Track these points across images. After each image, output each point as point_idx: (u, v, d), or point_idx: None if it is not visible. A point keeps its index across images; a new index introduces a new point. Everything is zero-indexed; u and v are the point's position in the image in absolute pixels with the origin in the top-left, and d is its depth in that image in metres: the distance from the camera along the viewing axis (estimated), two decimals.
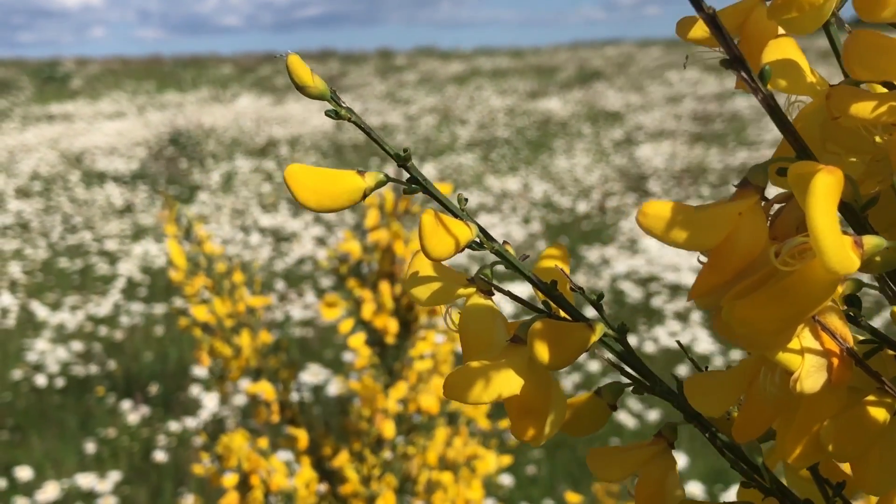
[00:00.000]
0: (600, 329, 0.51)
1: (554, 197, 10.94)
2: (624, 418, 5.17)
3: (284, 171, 0.53)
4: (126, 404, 5.34)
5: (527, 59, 34.26)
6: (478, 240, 0.52)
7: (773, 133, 14.70)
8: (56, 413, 5.52)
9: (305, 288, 7.49)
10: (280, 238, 9.50)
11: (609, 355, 0.55)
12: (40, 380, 5.71)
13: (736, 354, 5.89)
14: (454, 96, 22.73)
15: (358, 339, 1.50)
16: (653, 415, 5.19)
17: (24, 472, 4.47)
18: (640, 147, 14.56)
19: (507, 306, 6.95)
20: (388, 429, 1.46)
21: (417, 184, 0.52)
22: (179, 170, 13.86)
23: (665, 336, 6.16)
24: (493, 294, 0.53)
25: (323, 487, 1.56)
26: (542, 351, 0.50)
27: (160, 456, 4.75)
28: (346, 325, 1.49)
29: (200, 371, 5.62)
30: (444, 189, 1.58)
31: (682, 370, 5.74)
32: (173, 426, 5.07)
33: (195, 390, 5.44)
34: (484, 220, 9.82)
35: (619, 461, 0.56)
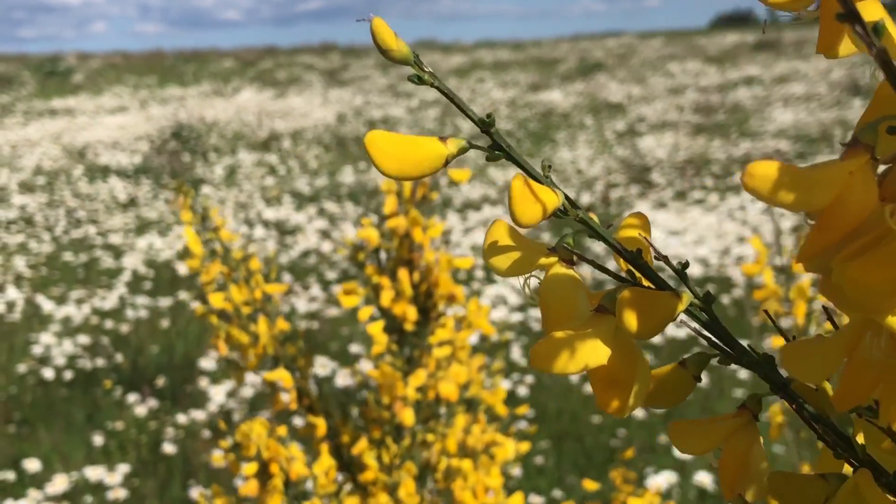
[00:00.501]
0: (687, 298, 0.50)
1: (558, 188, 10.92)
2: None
3: (365, 138, 0.52)
4: (133, 397, 5.34)
5: (528, 51, 34.25)
6: (562, 207, 0.51)
7: (774, 124, 14.72)
8: (63, 406, 5.52)
9: (310, 281, 7.49)
10: (284, 231, 9.50)
11: (694, 324, 0.54)
12: (47, 373, 5.71)
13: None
14: (456, 89, 22.68)
15: (377, 327, 1.50)
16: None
17: (32, 465, 4.47)
18: (643, 138, 14.56)
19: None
20: (408, 416, 1.45)
21: (500, 150, 0.52)
22: (182, 164, 13.85)
23: (671, 326, 6.16)
24: (575, 263, 0.52)
25: (341, 475, 1.56)
26: (631, 320, 0.49)
27: (168, 448, 4.75)
28: (365, 313, 1.49)
29: (207, 363, 5.63)
30: (462, 175, 1.57)
31: None
32: (181, 419, 5.06)
33: (202, 383, 5.44)
34: (488, 212, 9.82)
35: (702, 434, 0.55)
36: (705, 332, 0.55)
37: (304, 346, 1.61)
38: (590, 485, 1.64)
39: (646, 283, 0.53)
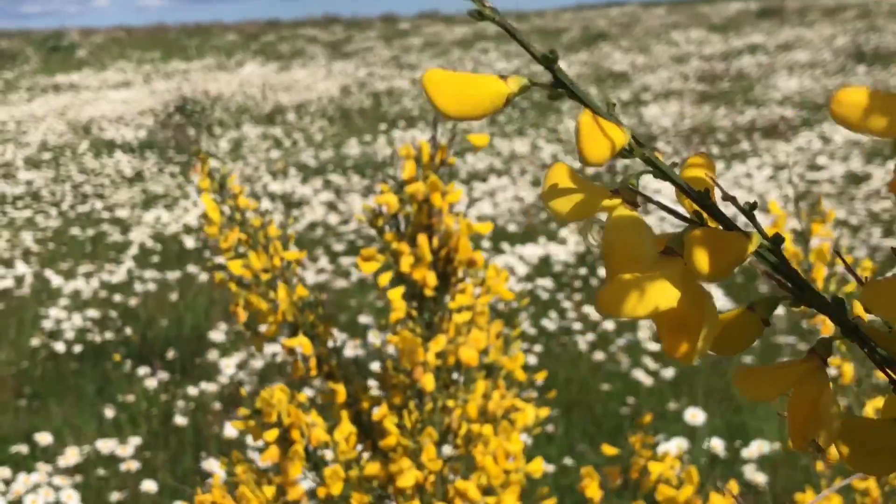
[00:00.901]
0: (756, 239, 0.50)
1: (563, 159, 10.92)
2: (641, 377, 5.17)
3: (423, 77, 0.51)
4: (143, 370, 5.35)
5: (531, 21, 34.21)
6: (628, 147, 0.50)
7: (779, 91, 14.70)
8: (73, 380, 5.54)
9: (318, 253, 7.49)
10: (290, 204, 9.50)
11: (764, 267, 0.53)
12: (57, 347, 5.72)
13: None
14: (459, 60, 22.70)
15: (396, 293, 1.50)
16: (668, 373, 5.19)
17: (44, 438, 4.49)
18: (648, 107, 14.54)
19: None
20: (429, 382, 1.45)
21: (563, 87, 0.51)
22: (187, 137, 13.84)
23: None
24: (639, 205, 0.51)
25: (361, 442, 1.56)
26: (702, 261, 0.48)
27: (179, 420, 4.76)
28: (385, 279, 1.49)
29: (216, 336, 5.64)
30: (482, 140, 1.57)
31: None
32: (191, 391, 5.07)
33: (212, 355, 5.45)
34: (493, 182, 9.81)
35: (770, 380, 0.54)
36: (775, 275, 0.54)
37: (323, 313, 1.61)
38: (608, 450, 1.65)
39: (712, 224, 0.52)
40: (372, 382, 1.66)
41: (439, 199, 1.48)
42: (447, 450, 1.51)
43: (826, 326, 1.54)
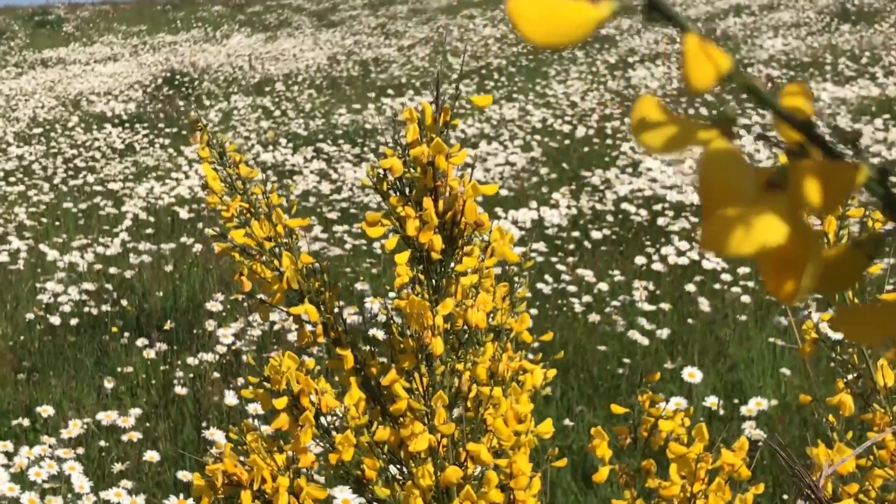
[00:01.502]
0: (865, 169, 0.48)
1: (552, 123, 10.91)
2: (637, 337, 5.19)
3: (507, 3, 0.49)
4: (140, 341, 5.36)
5: None
6: (730, 72, 0.49)
7: (765, 51, 14.69)
8: (71, 352, 5.55)
9: (311, 221, 7.49)
10: (281, 173, 9.50)
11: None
12: (54, 320, 5.73)
13: (742, 270, 5.91)
14: (445, 27, 22.64)
15: (403, 257, 1.50)
16: (663, 333, 5.21)
17: (45, 411, 4.49)
18: (635, 70, 14.53)
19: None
20: (438, 345, 1.46)
21: (659, 10, 0.49)
22: (177, 109, 13.82)
23: (673, 255, 6.17)
24: (736, 137, 0.49)
25: (370, 408, 1.56)
26: (813, 192, 0.47)
27: (179, 391, 4.77)
28: (391, 243, 1.49)
29: (213, 306, 5.64)
30: (485, 101, 1.57)
31: (691, 287, 5.76)
32: (190, 361, 5.08)
33: (208, 325, 5.46)
34: (484, 147, 9.81)
35: (874, 320, 0.52)
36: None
37: (328, 280, 1.62)
38: (617, 409, 1.65)
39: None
40: (369, 349, 1.66)
41: (444, 162, 1.48)
42: (457, 413, 1.52)
43: None
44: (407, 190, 1.52)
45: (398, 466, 1.53)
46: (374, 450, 1.50)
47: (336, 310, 1.59)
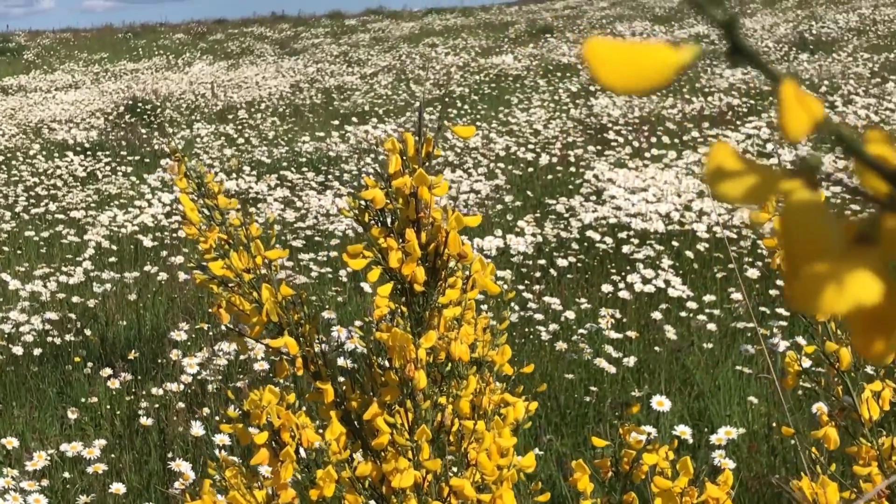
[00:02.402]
0: None
1: (516, 151, 10.93)
2: (604, 365, 5.18)
3: (584, 47, 0.47)
4: (104, 371, 5.31)
5: (477, 16, 34.30)
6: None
7: (726, 80, 14.78)
8: (34, 382, 5.49)
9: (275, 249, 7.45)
10: (246, 201, 9.46)
11: None
12: (17, 350, 5.67)
13: (708, 298, 5.92)
14: (407, 55, 22.70)
15: (385, 289, 1.48)
16: (630, 361, 5.20)
17: (9, 443, 4.43)
18: (597, 98, 14.58)
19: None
20: (422, 379, 1.44)
21: (743, 54, 0.47)
22: (140, 137, 13.77)
23: (639, 282, 6.17)
24: (821, 187, 0.46)
25: (351, 442, 1.55)
26: None
27: (144, 421, 4.72)
28: (374, 275, 1.47)
29: (177, 335, 5.60)
30: (468, 132, 1.56)
31: (657, 315, 5.76)
32: (154, 391, 5.03)
33: (173, 354, 5.41)
34: (448, 175, 9.80)
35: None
36: None
37: (308, 312, 1.60)
38: (598, 442, 1.64)
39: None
40: (348, 381, 1.64)
41: (427, 193, 1.46)
42: (439, 447, 1.50)
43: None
44: (389, 221, 1.50)
45: (380, 502, 1.52)
46: (356, 485, 1.49)
47: (317, 342, 1.58)
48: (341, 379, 1.60)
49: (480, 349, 1.57)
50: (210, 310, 1.61)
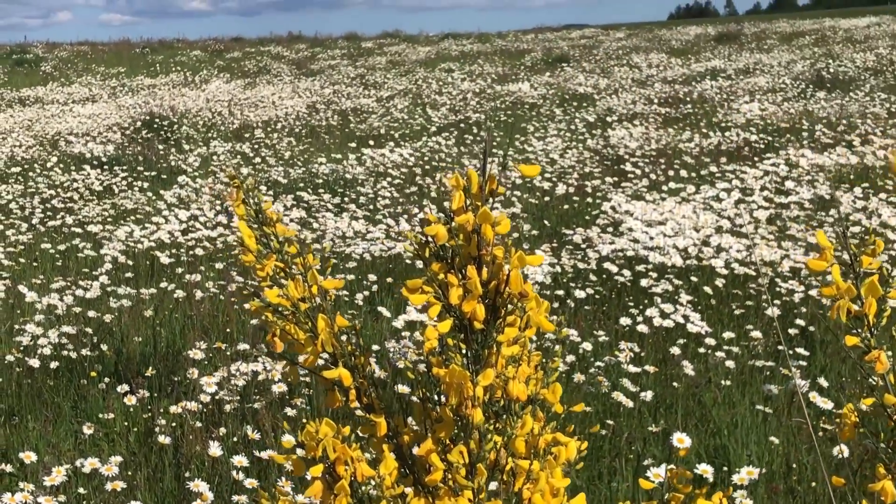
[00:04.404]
0: None
1: (532, 179, 10.94)
2: (621, 399, 5.17)
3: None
4: (120, 387, 5.30)
5: (493, 42, 34.45)
6: None
7: (742, 115, 14.79)
8: (50, 396, 5.48)
9: None
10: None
11: None
12: (32, 363, 5.66)
13: (727, 335, 5.91)
14: (423, 80, 22.76)
15: (445, 326, 1.48)
16: (647, 395, 5.19)
17: (28, 457, 4.43)
18: (613, 129, 14.60)
19: None
20: (478, 416, 1.43)
21: None
22: (156, 153, 13.79)
23: (658, 316, 6.16)
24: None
25: (403, 477, 1.54)
26: None
27: (163, 440, 4.71)
28: (434, 311, 1.47)
29: (194, 353, 5.59)
30: (532, 170, 1.56)
31: (675, 350, 5.75)
32: (173, 409, 5.03)
33: (190, 373, 5.40)
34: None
35: None
36: None
37: (361, 344, 1.59)
38: (645, 484, 1.63)
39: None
40: (400, 415, 1.64)
41: (490, 231, 1.46)
42: (493, 486, 1.49)
43: (881, 363, 1.54)
44: (450, 257, 1.50)
45: None
46: None
47: (370, 375, 1.57)
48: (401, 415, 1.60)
49: (532, 386, 1.57)
50: (228, 329, 1.60)
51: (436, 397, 1.55)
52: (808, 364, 5.60)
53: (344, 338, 1.60)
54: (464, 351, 1.50)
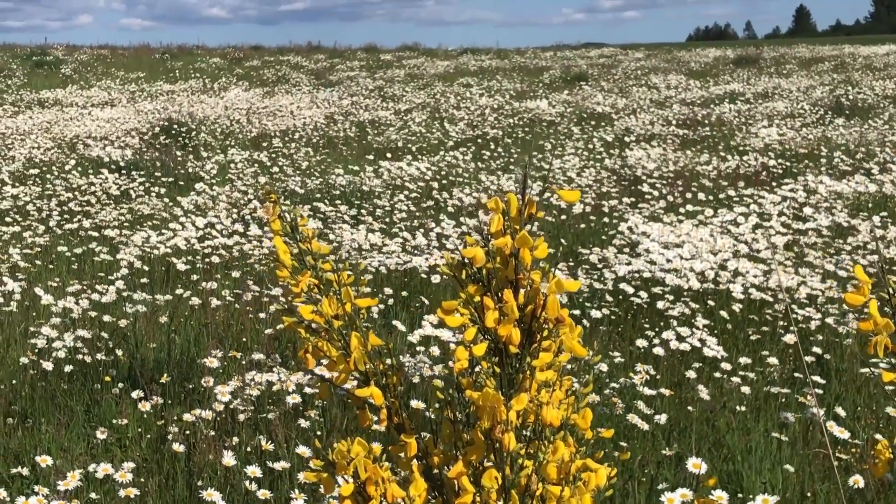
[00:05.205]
0: None
1: (549, 197, 10.92)
2: (636, 421, 5.15)
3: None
4: (136, 393, 5.30)
5: (512, 59, 34.48)
6: None
7: (760, 139, 14.78)
8: (64, 400, 5.48)
9: None
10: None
11: None
12: (46, 366, 5.66)
13: (743, 360, 5.89)
14: (442, 94, 22.79)
15: (480, 349, 1.47)
16: (661, 418, 5.17)
17: (43, 461, 4.43)
18: (631, 149, 14.60)
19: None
20: (511, 441, 1.43)
21: None
22: (174, 159, 13.81)
23: (674, 339, 6.14)
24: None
25: (432, 498, 1.53)
26: None
27: (177, 448, 4.71)
28: (470, 334, 1.46)
29: (209, 361, 5.59)
30: (573, 196, 1.55)
31: (691, 374, 5.73)
32: (186, 417, 5.02)
33: (204, 381, 5.40)
34: (483, 217, 9.81)
35: None
36: None
37: (394, 363, 1.59)
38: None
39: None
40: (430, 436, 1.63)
41: (528, 255, 1.45)
42: None
43: None
44: (487, 279, 1.49)
45: None
46: None
47: (401, 395, 1.57)
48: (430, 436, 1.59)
49: (563, 411, 1.56)
50: (243, 339, 1.60)
51: (464, 418, 1.54)
52: (824, 392, 5.58)
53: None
54: (495, 372, 1.49)
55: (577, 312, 6.76)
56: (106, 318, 6.46)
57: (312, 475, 1.49)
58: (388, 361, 1.59)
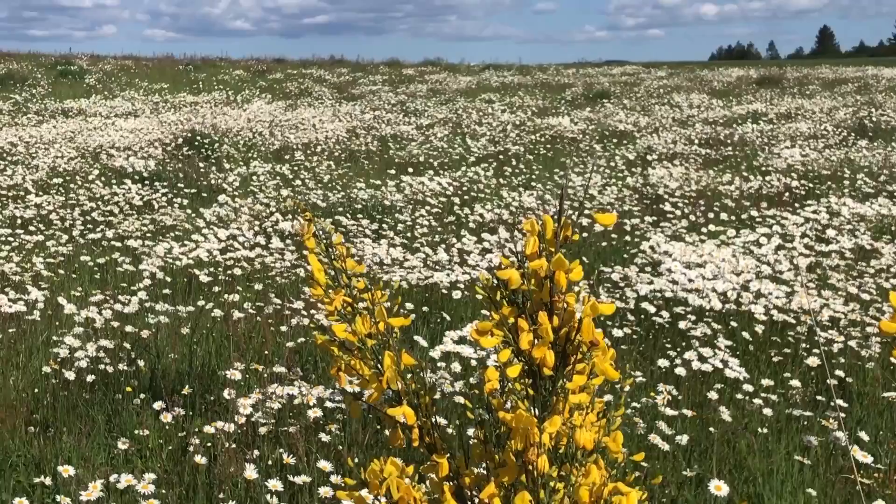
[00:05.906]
0: None
1: (570, 214, 10.88)
2: (657, 441, 5.13)
3: None
4: (156, 404, 5.31)
5: (534, 75, 34.51)
6: None
7: (783, 160, 14.76)
8: (85, 409, 5.49)
9: None
10: (300, 244, 9.46)
11: None
12: (68, 376, 5.67)
13: (766, 382, 5.87)
14: (464, 109, 22.82)
15: (515, 370, 1.47)
16: (682, 439, 5.15)
17: (66, 471, 4.43)
18: (653, 168, 14.58)
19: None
20: (544, 463, 1.43)
21: None
22: (197, 170, 13.85)
23: (696, 360, 6.12)
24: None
25: None
26: None
27: (199, 459, 4.71)
28: (504, 355, 1.46)
29: (231, 374, 5.59)
30: (609, 220, 1.55)
31: (713, 395, 5.71)
32: (207, 429, 5.02)
33: (225, 393, 5.40)
34: (503, 234, 9.80)
35: None
36: None
37: (426, 383, 1.59)
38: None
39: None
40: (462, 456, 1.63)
41: (563, 278, 1.45)
42: None
43: None
44: (521, 301, 1.49)
45: None
46: None
47: (433, 414, 1.57)
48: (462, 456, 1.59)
49: (594, 434, 1.56)
50: (265, 351, 1.60)
51: (494, 439, 1.54)
52: (846, 416, 5.56)
53: (409, 375, 1.59)
54: (528, 394, 1.49)
55: (598, 331, 6.74)
56: (128, 328, 6.46)
57: (345, 494, 1.49)
58: (422, 380, 1.59)
